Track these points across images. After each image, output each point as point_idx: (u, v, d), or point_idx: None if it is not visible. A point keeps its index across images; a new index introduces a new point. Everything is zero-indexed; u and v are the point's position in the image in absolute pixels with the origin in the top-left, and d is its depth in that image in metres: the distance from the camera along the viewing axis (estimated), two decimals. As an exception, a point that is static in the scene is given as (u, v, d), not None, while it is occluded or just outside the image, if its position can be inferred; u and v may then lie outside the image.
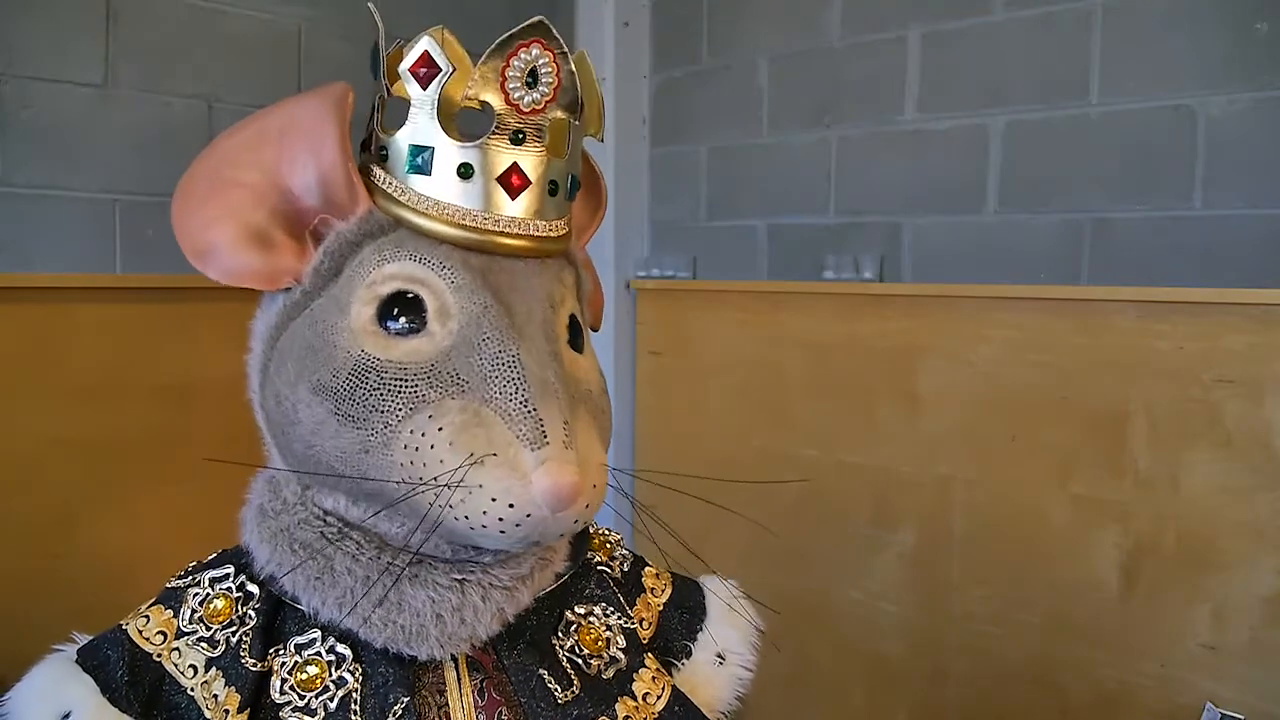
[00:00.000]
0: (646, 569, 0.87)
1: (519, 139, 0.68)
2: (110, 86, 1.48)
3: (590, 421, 0.69)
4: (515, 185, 0.68)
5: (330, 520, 0.69)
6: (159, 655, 0.69)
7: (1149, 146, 1.48)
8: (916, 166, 1.74)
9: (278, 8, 1.65)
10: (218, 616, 0.70)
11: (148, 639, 0.69)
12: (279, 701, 0.66)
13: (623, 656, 0.76)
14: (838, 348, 1.78)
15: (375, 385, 0.64)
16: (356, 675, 0.67)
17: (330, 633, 0.68)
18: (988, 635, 1.60)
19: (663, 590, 0.86)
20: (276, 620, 0.70)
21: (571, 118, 0.70)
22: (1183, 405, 1.40)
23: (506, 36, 0.66)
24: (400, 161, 0.69)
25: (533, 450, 0.62)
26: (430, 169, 0.68)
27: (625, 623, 0.78)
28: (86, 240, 1.47)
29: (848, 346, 1.77)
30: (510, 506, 0.61)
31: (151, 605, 0.72)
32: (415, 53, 0.68)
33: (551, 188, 0.71)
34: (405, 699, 0.66)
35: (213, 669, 0.68)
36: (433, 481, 0.62)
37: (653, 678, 0.77)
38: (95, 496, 1.43)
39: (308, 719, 0.66)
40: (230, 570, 0.72)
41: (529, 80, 0.67)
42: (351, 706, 0.66)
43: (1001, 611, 1.59)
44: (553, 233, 0.71)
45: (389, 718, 0.66)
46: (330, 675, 0.67)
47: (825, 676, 1.82)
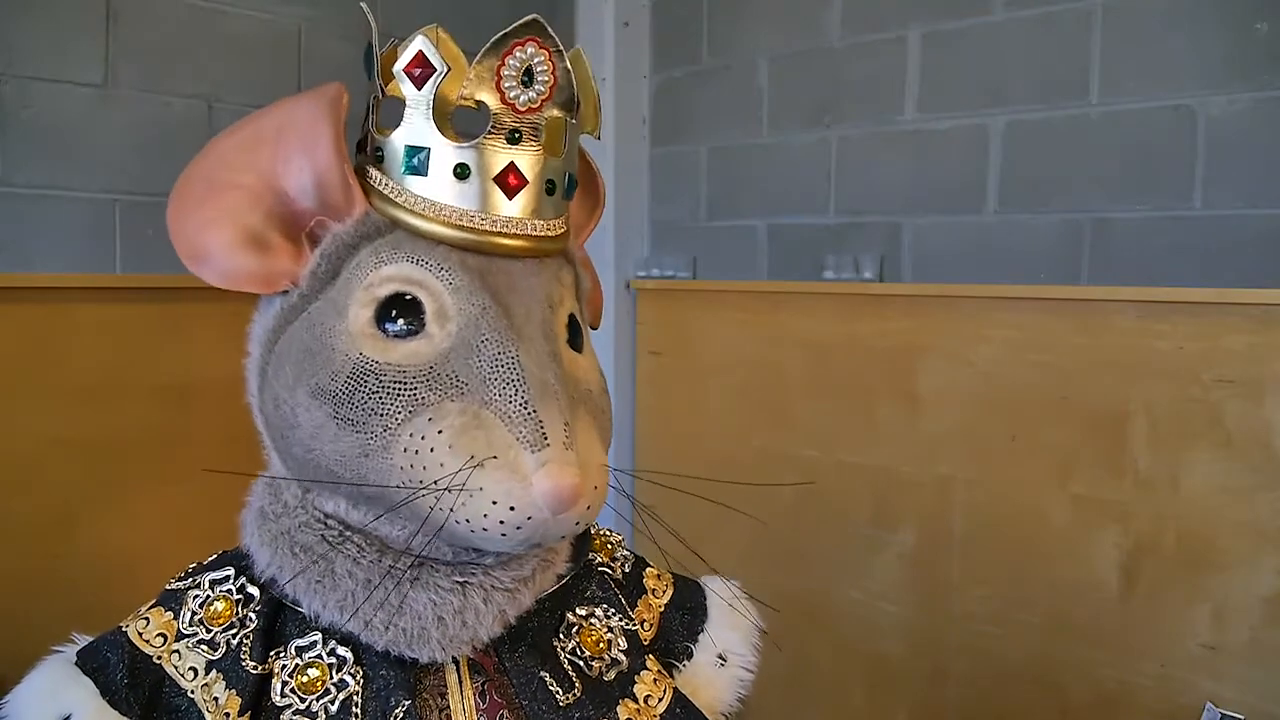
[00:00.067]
0: (648, 570, 0.87)
1: (515, 138, 0.68)
2: (110, 86, 1.47)
3: (590, 422, 0.68)
4: (512, 185, 0.68)
5: (331, 523, 0.69)
6: (159, 657, 0.68)
7: (1149, 146, 1.48)
8: (916, 166, 1.74)
9: (278, 8, 1.64)
10: (218, 619, 0.69)
11: (148, 641, 0.69)
12: (280, 704, 0.66)
13: (624, 658, 0.76)
14: (838, 348, 1.78)
15: (374, 388, 0.64)
16: (357, 678, 0.67)
17: (331, 635, 0.68)
18: (988, 635, 1.60)
19: (664, 591, 0.85)
20: (277, 623, 0.69)
21: (568, 116, 0.70)
22: (1183, 405, 1.40)
23: (501, 35, 0.65)
24: (396, 162, 0.68)
25: (533, 452, 0.62)
26: (426, 170, 0.67)
27: (627, 624, 0.78)
28: (86, 240, 1.47)
29: (848, 346, 1.77)
30: (511, 509, 0.61)
31: (151, 607, 0.72)
32: (410, 52, 0.67)
33: (549, 187, 0.70)
34: (406, 702, 0.66)
35: (213, 671, 0.68)
36: (433, 485, 0.62)
37: (654, 680, 0.77)
38: (95, 496, 1.43)
39: (308, 721, 0.66)
40: (230, 572, 0.72)
41: (524, 79, 0.66)
42: (353, 709, 0.66)
43: (1001, 611, 1.59)
44: (550, 232, 0.71)
45: (390, 720, 0.66)
46: (331, 678, 0.67)
47: (825, 676, 1.82)
